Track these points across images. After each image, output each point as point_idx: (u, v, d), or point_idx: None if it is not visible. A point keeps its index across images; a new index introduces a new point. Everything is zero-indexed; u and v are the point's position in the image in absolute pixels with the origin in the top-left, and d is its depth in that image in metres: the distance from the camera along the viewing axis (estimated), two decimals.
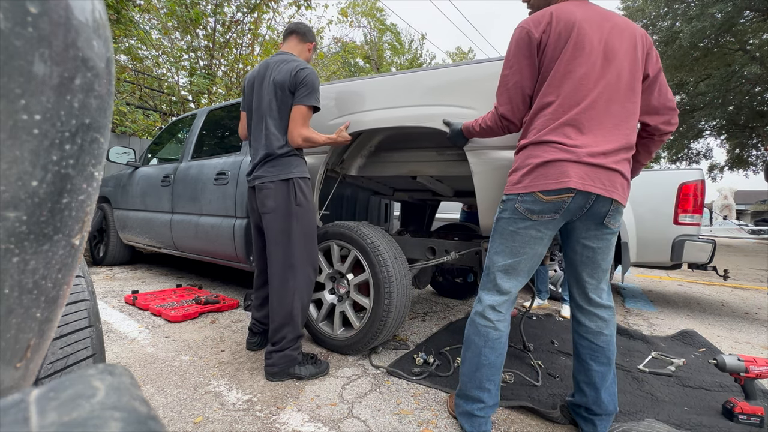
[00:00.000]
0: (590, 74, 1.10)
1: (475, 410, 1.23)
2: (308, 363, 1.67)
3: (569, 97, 1.11)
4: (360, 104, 1.89)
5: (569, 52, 1.11)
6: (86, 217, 0.30)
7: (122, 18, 5.35)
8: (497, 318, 1.22)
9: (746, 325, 2.79)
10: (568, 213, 1.13)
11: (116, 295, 2.79)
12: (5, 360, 0.26)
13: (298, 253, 1.64)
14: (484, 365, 1.22)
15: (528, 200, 1.14)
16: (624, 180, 1.14)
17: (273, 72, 1.69)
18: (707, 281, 4.80)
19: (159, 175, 3.19)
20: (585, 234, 1.19)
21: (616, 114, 1.12)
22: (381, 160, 2.23)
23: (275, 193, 1.63)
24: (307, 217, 1.68)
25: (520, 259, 1.20)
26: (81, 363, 0.72)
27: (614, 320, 1.25)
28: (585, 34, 1.11)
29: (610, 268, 1.26)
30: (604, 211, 1.13)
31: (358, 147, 2.17)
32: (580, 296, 1.27)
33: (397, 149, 2.18)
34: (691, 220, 2.86)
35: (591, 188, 1.08)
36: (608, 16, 1.17)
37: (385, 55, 22.52)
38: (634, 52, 1.14)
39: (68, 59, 0.25)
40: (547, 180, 1.11)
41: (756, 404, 1.38)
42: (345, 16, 9.52)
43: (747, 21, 11.23)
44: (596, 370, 1.22)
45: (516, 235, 1.19)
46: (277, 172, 1.65)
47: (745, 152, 16.73)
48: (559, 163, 1.10)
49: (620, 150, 1.12)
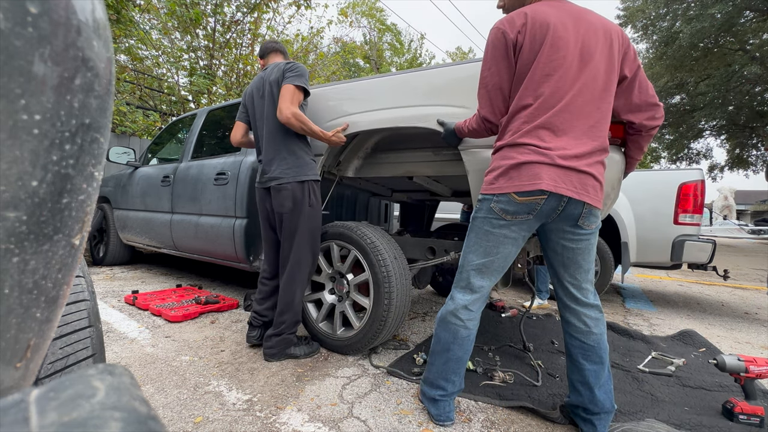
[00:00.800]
0: (566, 76, 1.11)
1: (437, 396, 1.31)
2: (302, 344, 1.84)
3: (546, 101, 1.13)
4: (355, 106, 1.89)
5: (545, 54, 1.12)
6: (86, 217, 0.30)
7: (122, 18, 5.34)
8: (468, 317, 1.26)
9: (746, 325, 2.79)
10: (541, 214, 1.15)
11: (116, 295, 2.79)
12: (5, 360, 0.26)
13: (305, 251, 1.78)
14: (451, 360, 1.28)
15: (503, 200, 1.17)
16: (596, 182, 1.15)
17: (269, 78, 1.79)
18: (707, 281, 4.80)
19: (159, 175, 3.19)
20: (563, 235, 1.21)
21: (590, 115, 1.14)
22: (378, 161, 2.24)
23: (293, 195, 1.74)
24: (316, 217, 1.82)
25: (493, 259, 1.23)
26: (81, 363, 0.72)
27: (603, 318, 1.26)
28: (560, 36, 1.12)
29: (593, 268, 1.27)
30: (577, 213, 1.15)
31: (355, 149, 2.18)
32: (565, 296, 1.27)
33: (393, 150, 2.19)
34: (691, 220, 2.86)
35: (563, 190, 1.10)
36: (583, 14, 1.17)
37: (385, 55, 22.52)
38: (609, 50, 1.15)
39: (68, 59, 0.25)
40: (521, 181, 1.13)
41: (756, 404, 1.38)
42: (345, 16, 9.51)
43: (747, 21, 11.23)
44: (589, 369, 1.23)
45: (490, 235, 1.22)
46: (294, 173, 1.75)
47: (745, 152, 16.73)
48: (532, 165, 1.12)
49: (593, 152, 1.14)
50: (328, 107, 1.99)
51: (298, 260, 1.77)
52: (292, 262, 1.77)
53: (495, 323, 2.45)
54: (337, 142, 1.83)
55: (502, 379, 1.61)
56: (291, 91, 1.70)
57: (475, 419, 1.35)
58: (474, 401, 1.47)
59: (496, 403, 1.45)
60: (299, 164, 1.77)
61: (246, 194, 2.38)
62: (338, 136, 1.81)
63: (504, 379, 1.61)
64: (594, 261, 1.25)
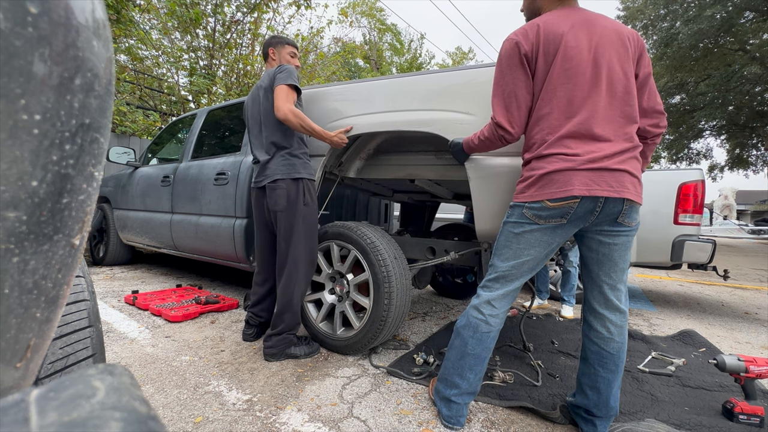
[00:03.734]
0: (582, 83, 1.12)
1: (452, 395, 1.27)
2: (302, 344, 1.84)
3: (565, 109, 1.13)
4: (358, 107, 1.89)
5: (558, 64, 1.13)
6: (86, 217, 0.30)
7: (122, 18, 5.34)
8: (491, 313, 1.25)
9: (746, 325, 2.79)
10: (576, 218, 1.14)
11: (116, 295, 2.79)
12: (5, 360, 0.26)
13: (302, 250, 1.78)
14: (468, 354, 1.26)
15: (535, 207, 1.16)
16: (633, 178, 1.13)
17: (261, 85, 1.85)
18: (707, 281, 4.80)
19: (159, 175, 3.19)
20: (601, 233, 1.19)
21: (615, 118, 1.13)
22: (379, 162, 2.24)
23: (287, 192, 1.74)
24: (312, 216, 1.82)
25: (522, 261, 1.22)
26: (81, 363, 0.72)
27: (626, 327, 1.23)
28: (572, 45, 1.13)
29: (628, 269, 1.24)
30: (617, 211, 1.13)
31: (357, 150, 2.18)
32: (596, 298, 1.24)
33: (395, 152, 2.18)
34: (691, 220, 2.86)
35: (597, 192, 1.09)
36: (596, 20, 1.17)
37: (385, 56, 22.51)
38: (626, 54, 1.15)
39: (68, 59, 0.25)
40: (552, 188, 1.13)
41: (756, 404, 1.38)
42: (345, 16, 9.51)
43: (747, 21, 11.22)
44: (603, 376, 1.21)
45: (521, 237, 1.21)
46: (287, 171, 1.75)
47: (745, 152, 16.73)
48: (562, 172, 1.12)
49: (624, 151, 1.12)
50: (330, 108, 1.98)
51: (295, 260, 1.77)
52: (290, 261, 1.77)
53: None
54: (339, 143, 1.83)
55: (502, 379, 1.61)
56: (285, 90, 1.72)
57: (475, 419, 1.35)
58: (474, 401, 1.47)
59: (496, 403, 1.45)
60: (293, 163, 1.78)
61: (246, 194, 2.38)
62: (340, 137, 1.81)
63: (504, 379, 1.61)
64: (629, 262, 1.23)
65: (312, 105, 2.04)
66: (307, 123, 1.73)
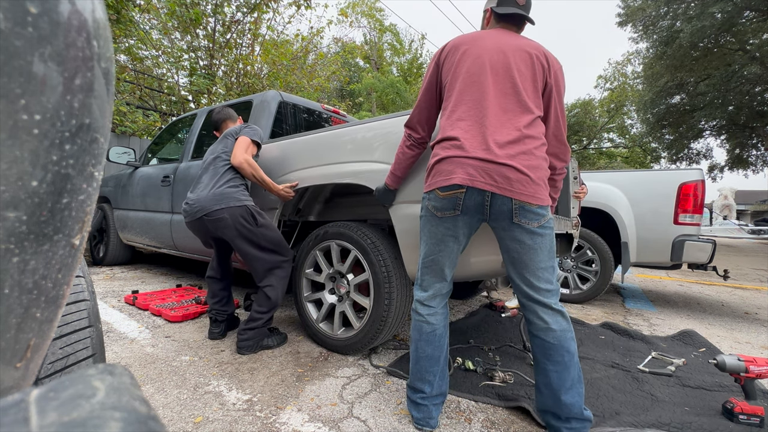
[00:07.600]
0: (476, 79, 1.21)
1: (417, 399, 1.28)
2: (274, 335, 1.94)
3: (459, 98, 1.22)
4: (303, 161, 2.02)
5: (456, 62, 1.26)
6: (86, 217, 0.30)
7: (122, 18, 5.34)
8: (427, 312, 1.27)
9: (746, 325, 2.79)
10: (468, 210, 1.16)
11: (116, 295, 2.79)
12: (5, 360, 0.26)
13: (274, 259, 1.89)
14: (422, 357, 1.27)
15: (432, 198, 1.20)
16: (522, 175, 1.11)
17: (226, 134, 2.00)
18: (707, 281, 4.80)
19: (159, 175, 3.19)
20: (505, 233, 1.18)
21: (507, 109, 1.18)
22: (336, 205, 2.38)
23: (233, 222, 1.79)
24: (271, 230, 1.90)
25: (436, 257, 1.25)
26: (81, 363, 0.72)
27: (562, 318, 1.18)
28: (470, 51, 1.25)
29: (551, 267, 1.19)
30: (507, 209, 1.12)
31: (312, 197, 2.29)
32: (518, 293, 1.24)
33: (349, 194, 2.30)
34: (691, 220, 2.86)
35: (479, 185, 1.11)
36: (510, 38, 1.27)
37: (385, 56, 22.51)
38: (525, 62, 1.22)
39: (68, 59, 0.25)
40: (440, 177, 1.17)
41: (756, 404, 1.38)
42: (345, 17, 9.51)
43: (747, 21, 11.22)
44: (552, 370, 1.17)
45: (431, 233, 1.25)
46: (227, 201, 1.81)
47: (745, 152, 16.71)
48: (449, 159, 1.16)
49: (515, 142, 1.14)
50: (280, 162, 2.11)
51: (270, 269, 1.88)
52: (266, 271, 1.87)
53: (495, 323, 2.45)
54: (286, 197, 1.96)
55: (502, 379, 1.61)
56: (247, 141, 1.90)
57: (475, 419, 1.35)
58: (474, 401, 1.47)
59: (496, 403, 1.45)
60: (234, 196, 1.84)
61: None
62: (287, 191, 1.94)
63: (504, 379, 1.61)
64: (549, 261, 1.18)
65: (266, 156, 2.19)
66: (259, 174, 1.87)
